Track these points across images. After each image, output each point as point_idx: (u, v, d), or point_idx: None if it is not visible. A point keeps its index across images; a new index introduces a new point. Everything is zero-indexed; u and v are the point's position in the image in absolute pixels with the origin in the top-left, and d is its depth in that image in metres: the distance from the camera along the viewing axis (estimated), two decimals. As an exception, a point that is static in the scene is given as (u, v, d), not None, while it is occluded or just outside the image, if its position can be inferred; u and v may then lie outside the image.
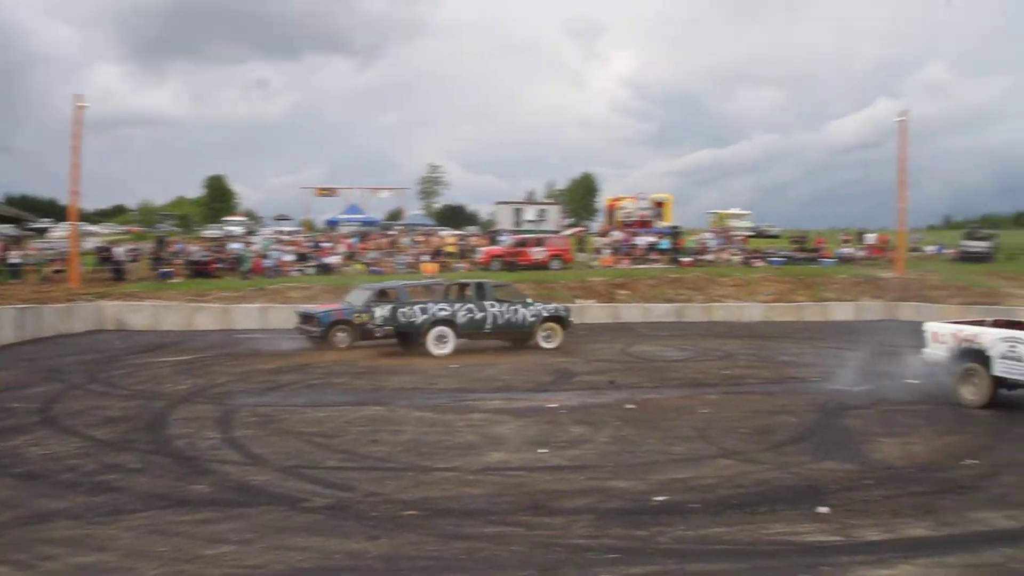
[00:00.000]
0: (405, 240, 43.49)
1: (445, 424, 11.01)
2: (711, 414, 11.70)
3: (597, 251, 42.44)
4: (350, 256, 39.28)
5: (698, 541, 6.28)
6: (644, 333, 24.58)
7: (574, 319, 22.23)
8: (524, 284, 26.71)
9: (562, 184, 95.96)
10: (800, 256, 42.78)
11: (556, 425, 10.87)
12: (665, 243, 42.45)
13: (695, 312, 31.02)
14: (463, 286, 21.15)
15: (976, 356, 12.24)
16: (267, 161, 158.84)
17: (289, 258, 36.85)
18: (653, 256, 40.83)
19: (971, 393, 12.27)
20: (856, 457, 9.14)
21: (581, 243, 44.64)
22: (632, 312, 30.12)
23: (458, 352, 19.10)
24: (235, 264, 35.40)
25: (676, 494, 7.54)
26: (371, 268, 36.68)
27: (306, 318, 21.43)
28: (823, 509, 7.01)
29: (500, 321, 20.13)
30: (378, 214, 56.68)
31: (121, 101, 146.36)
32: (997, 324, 12.95)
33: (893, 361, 16.53)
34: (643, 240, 42.75)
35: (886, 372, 15.26)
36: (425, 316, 19.32)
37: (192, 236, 45.40)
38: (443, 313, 19.52)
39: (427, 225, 55.79)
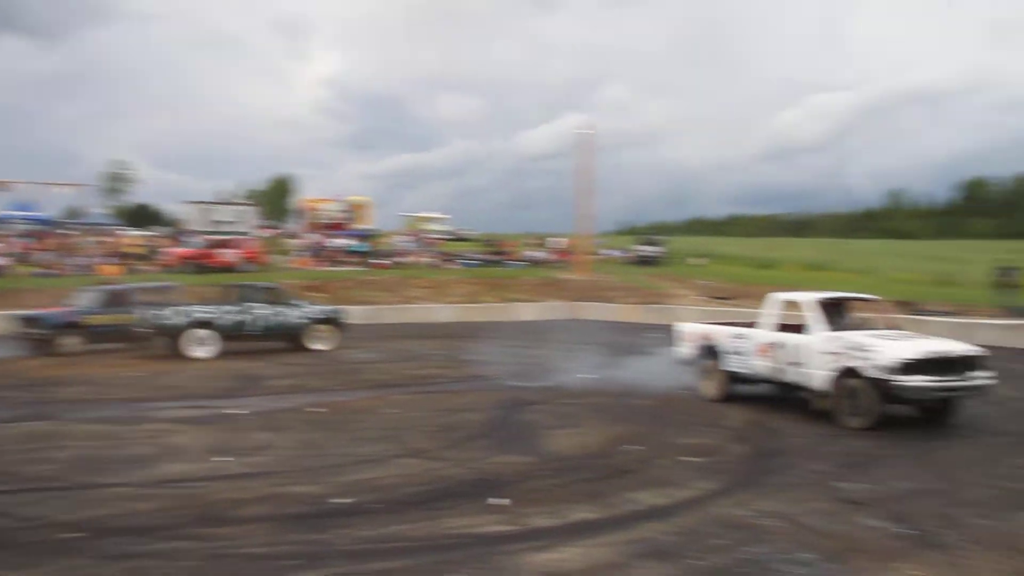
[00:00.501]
0: (85, 240, 40.39)
1: (117, 437, 10.31)
2: (398, 414, 11.85)
3: (291, 253, 41.73)
4: (21, 257, 35.92)
5: (378, 540, 6.32)
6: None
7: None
8: (212, 287, 25.67)
9: (260, 185, 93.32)
10: (491, 259, 44.45)
11: (239, 432, 10.53)
12: (360, 246, 42.55)
13: (389, 314, 31.32)
14: (228, 288, 20.73)
15: (712, 353, 13.23)
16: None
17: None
18: (348, 258, 40.78)
19: (710, 388, 13.22)
20: (533, 450, 9.62)
21: (275, 245, 43.71)
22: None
23: (132, 358, 18.07)
24: None
25: (359, 495, 7.54)
26: (44, 271, 33.74)
27: (29, 321, 19.87)
28: (500, 500, 7.31)
29: (267, 323, 19.77)
30: (55, 212, 52.01)
31: None
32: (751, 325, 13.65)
33: (571, 357, 17.63)
34: (338, 242, 42.59)
35: (564, 368, 16.21)
36: (184, 319, 18.64)
37: None
38: (203, 315, 18.89)
39: (109, 224, 52.03)
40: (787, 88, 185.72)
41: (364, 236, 44.99)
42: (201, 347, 18.79)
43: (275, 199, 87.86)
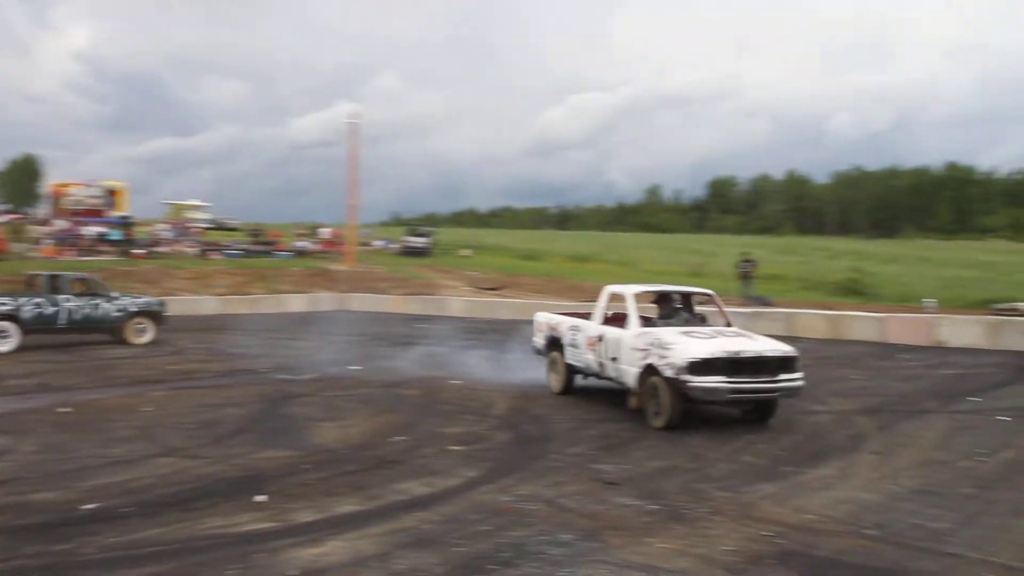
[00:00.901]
0: None
1: None
2: (155, 412, 11.27)
3: (38, 241, 38.74)
4: None
5: (129, 546, 5.98)
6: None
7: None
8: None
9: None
10: (257, 249, 43.25)
11: (-29, 437, 9.65)
12: (116, 234, 40.15)
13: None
14: (35, 277, 19.37)
15: (556, 344, 12.85)
16: None
17: None
18: (103, 248, 38.37)
19: (554, 381, 12.91)
20: (297, 443, 9.43)
21: (18, 232, 40.41)
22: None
23: None
24: None
25: (109, 499, 7.11)
26: None
27: None
28: (261, 497, 7.11)
29: (77, 316, 18.64)
30: None
31: None
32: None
33: (340, 349, 17.45)
34: (91, 230, 39.96)
35: (332, 360, 16.02)
36: None
37: None
38: (3, 308, 17.66)
39: None
40: (553, 86, 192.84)
41: (120, 224, 42.40)
42: (1, 342, 17.58)
43: (19, 182, 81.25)
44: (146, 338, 19.78)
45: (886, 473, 8.03)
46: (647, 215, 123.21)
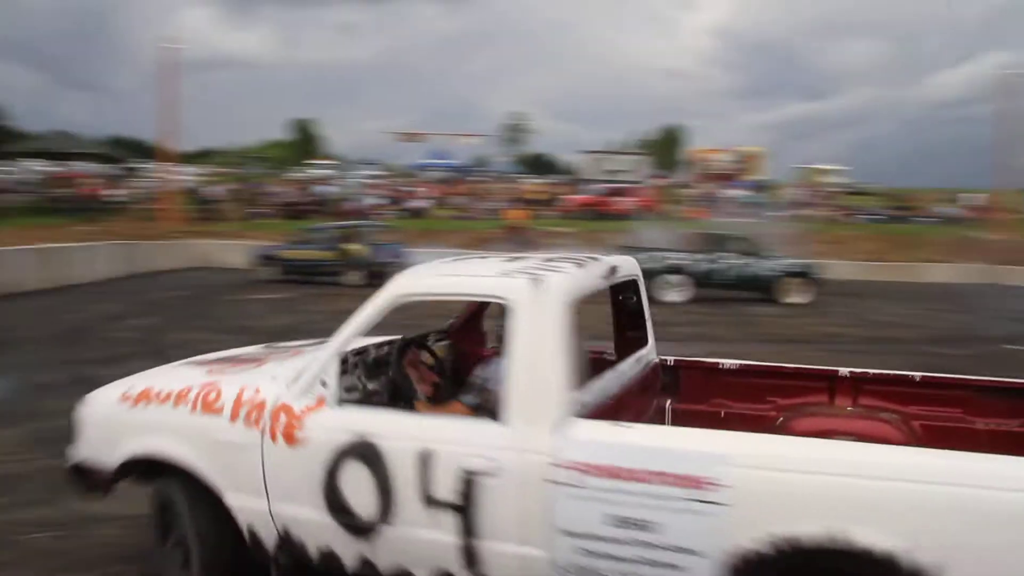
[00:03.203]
0: (492, 187, 43.35)
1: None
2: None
3: (683, 203, 41.73)
4: (439, 201, 39.46)
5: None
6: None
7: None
8: (609, 233, 26.36)
9: (649, 134, 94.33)
10: (896, 215, 41.35)
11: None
12: (758, 197, 41.49)
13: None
14: (700, 236, 21.04)
15: None
16: (353, 105, 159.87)
17: (377, 201, 37.17)
18: (739, 210, 39.96)
19: None
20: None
21: (668, 195, 43.97)
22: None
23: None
24: (320, 206, 35.91)
25: None
26: (459, 214, 36.74)
27: None
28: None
29: (737, 273, 20.02)
30: (464, 160, 56.39)
31: (208, 44, 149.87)
32: None
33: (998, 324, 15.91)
34: (730, 193, 41.87)
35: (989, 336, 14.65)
36: (658, 263, 19.25)
37: (279, 179, 45.77)
38: (674, 262, 19.69)
39: (511, 172, 55.50)
40: None
41: (757, 187, 43.81)
42: (673, 291, 19.40)
43: (664, 149, 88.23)
44: (799, 299, 19.85)
45: None
46: None
